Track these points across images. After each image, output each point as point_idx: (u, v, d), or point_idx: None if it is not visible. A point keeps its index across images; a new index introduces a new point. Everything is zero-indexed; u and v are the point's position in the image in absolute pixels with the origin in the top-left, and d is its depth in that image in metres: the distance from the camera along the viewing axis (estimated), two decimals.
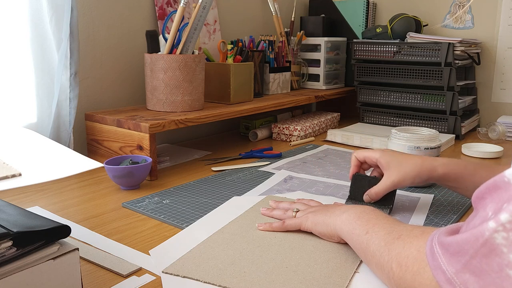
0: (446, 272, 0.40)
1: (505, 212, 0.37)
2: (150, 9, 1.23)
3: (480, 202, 0.41)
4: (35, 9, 0.96)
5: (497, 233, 0.37)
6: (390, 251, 0.49)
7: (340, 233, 0.61)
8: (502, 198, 0.38)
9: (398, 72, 1.46)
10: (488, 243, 0.37)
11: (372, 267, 0.54)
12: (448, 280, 0.40)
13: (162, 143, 1.30)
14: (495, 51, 1.52)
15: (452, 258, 0.40)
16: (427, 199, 0.84)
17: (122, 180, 0.88)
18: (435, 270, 0.42)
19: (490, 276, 0.37)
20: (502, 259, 0.36)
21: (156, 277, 0.56)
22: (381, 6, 1.74)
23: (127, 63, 1.20)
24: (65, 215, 0.76)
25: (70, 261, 0.46)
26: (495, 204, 0.39)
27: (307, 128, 1.36)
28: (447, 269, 0.40)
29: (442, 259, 0.41)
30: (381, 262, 0.50)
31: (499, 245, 0.37)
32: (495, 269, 0.37)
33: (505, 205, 0.37)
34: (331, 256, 0.60)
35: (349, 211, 0.61)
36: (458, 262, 0.39)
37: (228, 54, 1.27)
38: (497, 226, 0.37)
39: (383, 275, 0.51)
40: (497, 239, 0.37)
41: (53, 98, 1.01)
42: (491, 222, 0.37)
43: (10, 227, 0.42)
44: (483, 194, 0.41)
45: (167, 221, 0.73)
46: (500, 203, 0.38)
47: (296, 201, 0.76)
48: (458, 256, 0.40)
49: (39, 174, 0.54)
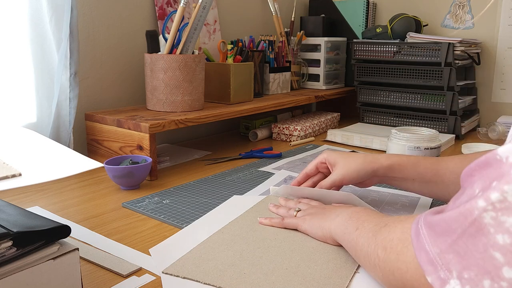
0: (429, 253, 0.39)
1: (496, 191, 0.35)
2: (150, 9, 1.23)
3: (468, 179, 0.40)
4: (35, 9, 0.96)
5: (486, 213, 0.36)
6: (376, 238, 0.50)
7: (335, 236, 0.61)
8: (491, 176, 0.37)
9: (398, 72, 1.46)
10: (477, 222, 0.36)
11: (361, 261, 0.54)
12: (430, 261, 0.39)
13: (162, 143, 1.30)
14: (495, 51, 1.52)
15: (438, 239, 0.39)
16: (427, 199, 0.84)
17: (122, 180, 0.88)
18: (418, 251, 0.41)
19: (474, 256, 0.36)
20: (488, 239, 0.35)
21: (156, 277, 0.56)
22: (381, 6, 1.74)
23: (127, 63, 1.20)
24: (65, 215, 0.76)
25: (70, 261, 0.46)
26: (483, 181, 0.38)
27: (307, 128, 1.36)
28: (431, 250, 0.39)
29: (427, 239, 0.40)
30: (369, 252, 0.50)
31: (487, 225, 0.35)
32: (480, 249, 0.36)
33: (495, 183, 0.36)
34: (331, 257, 0.60)
35: (342, 214, 0.61)
36: (444, 242, 0.38)
37: (228, 54, 1.27)
38: (487, 205, 0.36)
39: (370, 266, 0.50)
40: (486, 219, 0.36)
41: (53, 98, 1.01)
42: (480, 201, 0.36)
43: (10, 227, 0.42)
44: (472, 171, 0.40)
45: (167, 221, 0.73)
46: (489, 180, 0.37)
47: (300, 201, 0.77)
48: (444, 236, 0.38)
49: (39, 174, 0.54)
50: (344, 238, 0.58)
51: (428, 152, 0.89)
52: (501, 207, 0.35)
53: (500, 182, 0.36)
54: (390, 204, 0.81)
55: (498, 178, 0.36)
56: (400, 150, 0.90)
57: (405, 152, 0.89)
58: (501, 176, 0.36)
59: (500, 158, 0.37)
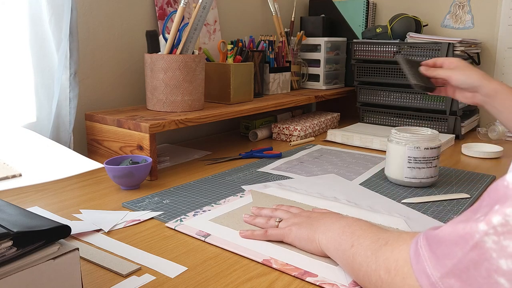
0: (430, 277, 0.39)
1: (498, 214, 0.35)
2: (150, 9, 1.24)
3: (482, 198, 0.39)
4: (34, 9, 0.96)
5: (488, 236, 0.35)
6: (377, 258, 0.47)
7: (326, 252, 0.59)
8: (493, 199, 0.37)
9: (398, 72, 1.46)
10: (478, 246, 0.35)
11: (359, 279, 0.51)
12: (432, 285, 0.38)
13: (162, 143, 1.30)
14: (495, 51, 1.52)
15: (438, 262, 0.39)
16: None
17: (122, 180, 0.88)
18: (418, 274, 0.40)
19: (477, 281, 0.35)
20: (491, 264, 0.35)
21: (156, 277, 0.56)
22: (381, 6, 1.74)
23: (127, 63, 1.20)
24: (65, 215, 0.76)
25: (70, 261, 0.46)
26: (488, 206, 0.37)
27: (307, 128, 1.36)
28: (432, 273, 0.39)
29: (427, 262, 0.40)
30: (369, 272, 0.48)
31: (489, 249, 0.35)
32: (483, 274, 0.35)
33: (497, 207, 0.35)
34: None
35: (333, 228, 0.59)
36: (444, 266, 0.38)
37: (228, 54, 1.27)
38: (488, 229, 0.35)
39: (370, 285, 0.48)
40: (487, 243, 0.35)
41: (53, 98, 1.01)
42: (481, 224, 0.36)
43: (10, 227, 0.42)
44: (485, 193, 0.39)
45: (167, 221, 0.73)
46: (491, 203, 0.36)
47: (277, 208, 0.73)
48: (445, 259, 0.38)
49: (39, 175, 0.54)
50: (338, 255, 0.56)
51: (428, 152, 0.89)
52: (503, 231, 0.34)
53: (503, 205, 0.35)
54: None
55: (501, 202, 0.35)
56: (400, 150, 0.90)
57: (405, 152, 0.89)
58: (504, 199, 0.35)
59: (507, 184, 0.36)
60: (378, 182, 0.95)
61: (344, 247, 0.54)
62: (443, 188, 0.91)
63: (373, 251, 0.49)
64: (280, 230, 0.65)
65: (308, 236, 0.61)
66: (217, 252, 0.64)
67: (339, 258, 0.56)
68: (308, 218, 0.65)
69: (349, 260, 0.53)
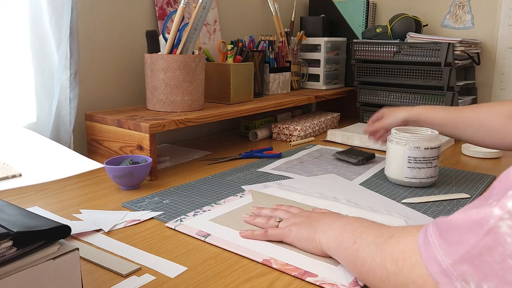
0: (441, 263, 0.38)
1: None
2: (150, 9, 1.24)
3: (494, 184, 0.39)
4: (34, 9, 0.96)
5: (502, 221, 0.35)
6: (382, 251, 0.47)
7: (327, 251, 0.58)
8: (505, 185, 0.36)
9: (398, 72, 1.46)
10: (493, 231, 0.35)
11: (363, 276, 0.50)
12: (444, 272, 0.38)
13: (162, 143, 1.30)
14: (495, 51, 1.52)
15: (450, 248, 0.38)
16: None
17: (122, 180, 0.88)
18: (428, 262, 0.40)
19: (491, 267, 0.35)
20: (506, 249, 0.34)
21: (156, 277, 0.56)
22: (381, 6, 1.74)
23: (127, 63, 1.20)
24: (65, 215, 0.76)
25: (70, 261, 0.46)
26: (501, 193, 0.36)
27: (307, 128, 1.36)
28: (443, 260, 0.38)
29: (438, 249, 0.39)
30: (373, 267, 0.47)
31: (504, 234, 0.34)
32: (497, 259, 0.35)
33: (511, 192, 0.35)
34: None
35: (334, 226, 0.58)
36: (457, 253, 0.37)
37: (228, 54, 1.27)
38: (503, 214, 0.35)
39: (375, 281, 0.48)
40: (502, 228, 0.35)
41: (53, 98, 1.01)
42: (496, 209, 0.35)
43: (10, 227, 0.42)
44: (496, 181, 0.39)
45: (167, 221, 0.73)
46: (505, 189, 0.36)
47: (277, 208, 0.74)
48: (457, 246, 0.37)
49: (39, 175, 0.54)
50: (340, 253, 0.55)
51: (428, 152, 0.89)
52: None
53: None
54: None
55: None
56: (400, 150, 0.90)
57: (405, 152, 0.89)
58: None
59: None
60: (378, 182, 0.95)
61: (346, 244, 0.54)
62: (443, 188, 0.91)
63: (377, 245, 0.48)
64: (280, 230, 0.65)
65: (308, 236, 0.61)
66: (217, 252, 0.64)
67: (341, 256, 0.55)
68: (308, 218, 0.65)
69: (351, 257, 0.52)
